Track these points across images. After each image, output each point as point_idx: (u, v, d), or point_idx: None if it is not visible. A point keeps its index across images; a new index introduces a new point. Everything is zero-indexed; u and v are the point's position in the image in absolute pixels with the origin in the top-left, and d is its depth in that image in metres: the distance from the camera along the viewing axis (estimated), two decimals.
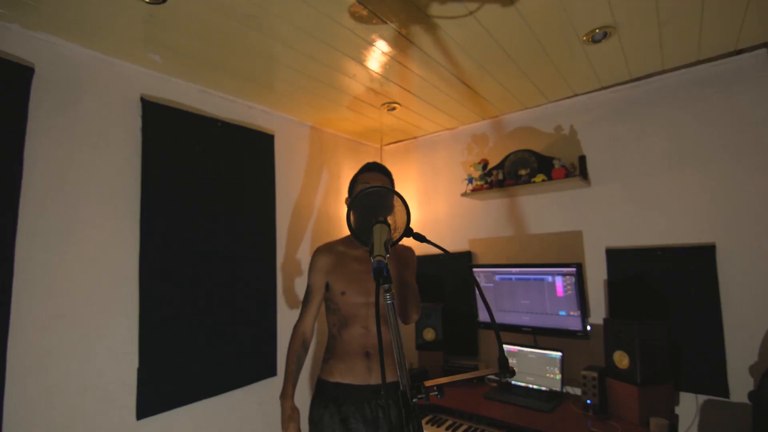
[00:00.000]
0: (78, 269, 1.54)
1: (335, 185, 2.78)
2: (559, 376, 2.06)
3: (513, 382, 2.22)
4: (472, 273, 2.48)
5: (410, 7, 1.42)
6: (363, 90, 2.11)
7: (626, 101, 2.20)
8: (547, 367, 2.11)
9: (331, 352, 1.54)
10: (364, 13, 1.45)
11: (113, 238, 1.64)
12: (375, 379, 1.46)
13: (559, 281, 2.13)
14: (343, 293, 1.49)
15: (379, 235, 0.78)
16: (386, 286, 0.76)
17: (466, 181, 2.58)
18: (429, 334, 2.51)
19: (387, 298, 0.77)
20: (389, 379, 1.48)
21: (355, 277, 1.51)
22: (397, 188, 1.27)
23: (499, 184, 2.43)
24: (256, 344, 2.11)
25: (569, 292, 2.09)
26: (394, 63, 1.83)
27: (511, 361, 2.22)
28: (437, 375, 2.46)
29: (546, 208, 2.44)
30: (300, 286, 2.43)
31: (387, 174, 1.60)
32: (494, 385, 2.30)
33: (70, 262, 1.52)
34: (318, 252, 1.61)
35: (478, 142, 2.75)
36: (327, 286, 1.56)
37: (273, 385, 2.16)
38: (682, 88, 2.05)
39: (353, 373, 1.46)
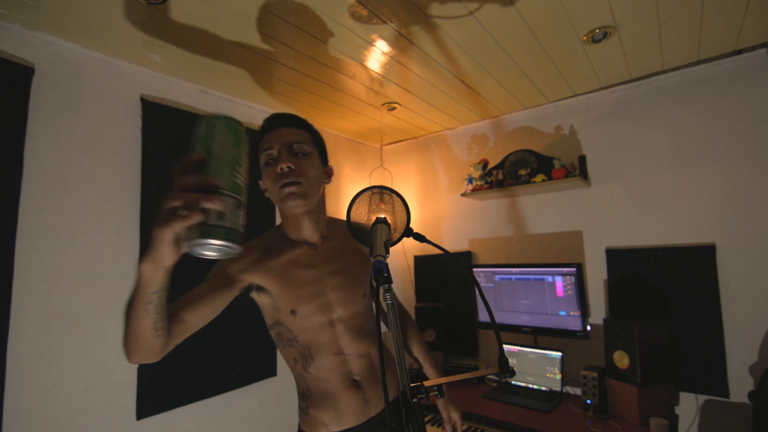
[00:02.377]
0: (78, 269, 1.54)
1: (335, 185, 2.77)
2: (559, 376, 2.06)
3: (513, 382, 2.22)
4: (472, 273, 2.48)
5: (410, 7, 1.42)
6: (363, 90, 2.11)
7: (626, 101, 2.20)
8: (547, 367, 2.11)
9: (307, 398, 1.15)
10: (364, 13, 1.45)
11: (113, 238, 1.64)
12: (376, 407, 1.14)
13: (559, 281, 2.13)
14: (293, 312, 1.08)
15: (379, 234, 0.77)
16: (386, 285, 0.73)
17: (466, 181, 2.58)
18: (429, 335, 2.51)
19: (387, 298, 0.74)
20: (392, 396, 1.20)
21: (305, 290, 1.10)
22: (397, 188, 1.27)
23: (499, 184, 2.43)
24: (256, 344, 2.11)
25: (569, 292, 2.09)
26: (394, 63, 1.83)
27: (511, 361, 2.22)
28: (437, 375, 2.46)
29: (546, 208, 2.44)
30: None
31: (307, 128, 1.16)
32: (494, 385, 2.30)
33: (70, 262, 1.52)
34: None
35: (478, 142, 2.75)
36: (254, 291, 1.08)
37: (273, 385, 2.16)
38: (682, 88, 2.05)
39: (347, 414, 1.11)
